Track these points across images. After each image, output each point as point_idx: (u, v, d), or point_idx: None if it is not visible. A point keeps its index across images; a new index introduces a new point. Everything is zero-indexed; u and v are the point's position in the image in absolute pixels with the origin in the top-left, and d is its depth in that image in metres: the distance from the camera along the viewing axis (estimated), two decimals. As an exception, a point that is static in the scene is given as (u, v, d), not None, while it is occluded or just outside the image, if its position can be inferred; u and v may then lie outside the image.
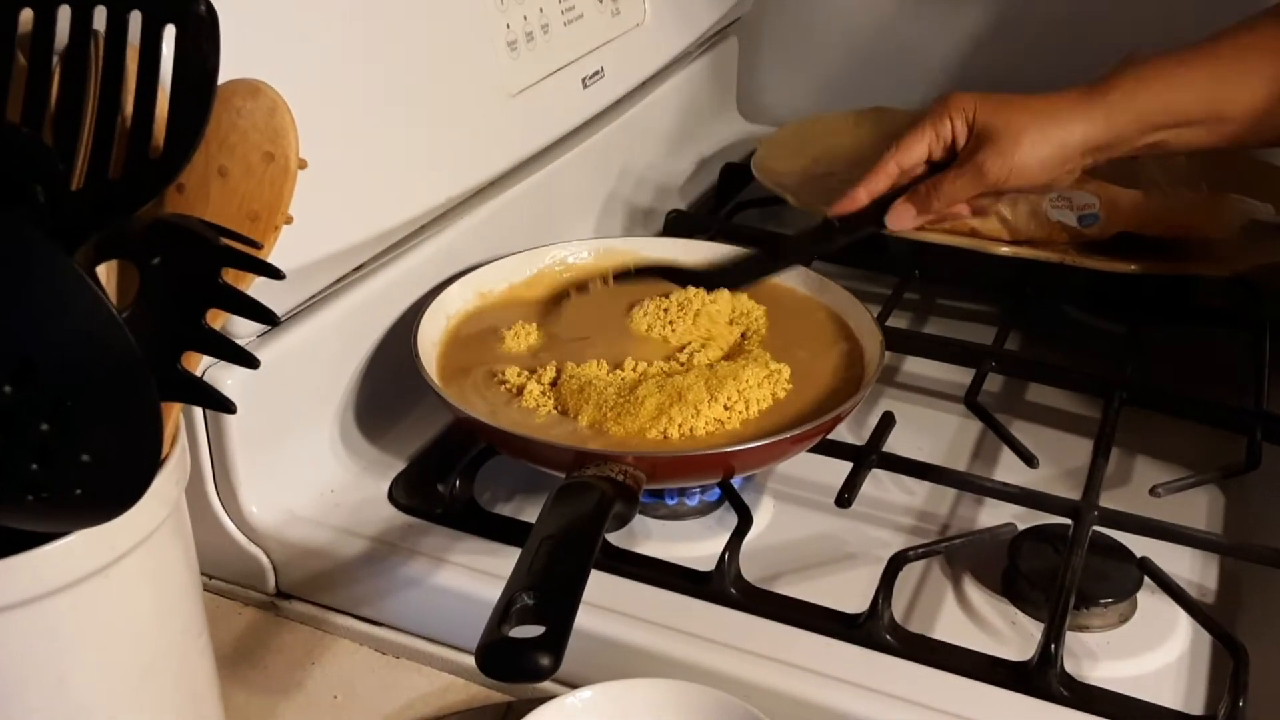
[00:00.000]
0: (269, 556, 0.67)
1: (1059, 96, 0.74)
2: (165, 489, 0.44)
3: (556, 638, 0.47)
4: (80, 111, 0.44)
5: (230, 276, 0.41)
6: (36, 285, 0.34)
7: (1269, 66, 0.72)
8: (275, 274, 0.41)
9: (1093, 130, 0.73)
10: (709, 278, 0.78)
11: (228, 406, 0.40)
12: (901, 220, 0.77)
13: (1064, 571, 0.61)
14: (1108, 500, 0.67)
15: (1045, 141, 0.72)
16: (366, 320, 0.73)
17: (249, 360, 0.41)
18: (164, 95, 0.42)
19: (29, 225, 0.34)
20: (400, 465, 0.72)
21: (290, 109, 0.45)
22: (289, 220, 0.46)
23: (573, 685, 0.56)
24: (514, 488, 0.72)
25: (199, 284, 0.39)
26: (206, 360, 0.56)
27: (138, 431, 0.36)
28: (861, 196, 0.77)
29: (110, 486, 0.37)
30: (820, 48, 1.22)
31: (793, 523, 0.70)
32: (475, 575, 0.64)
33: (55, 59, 0.45)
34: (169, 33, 0.42)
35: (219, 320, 0.42)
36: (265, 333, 0.64)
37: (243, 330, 0.62)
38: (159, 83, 0.43)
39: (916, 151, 0.76)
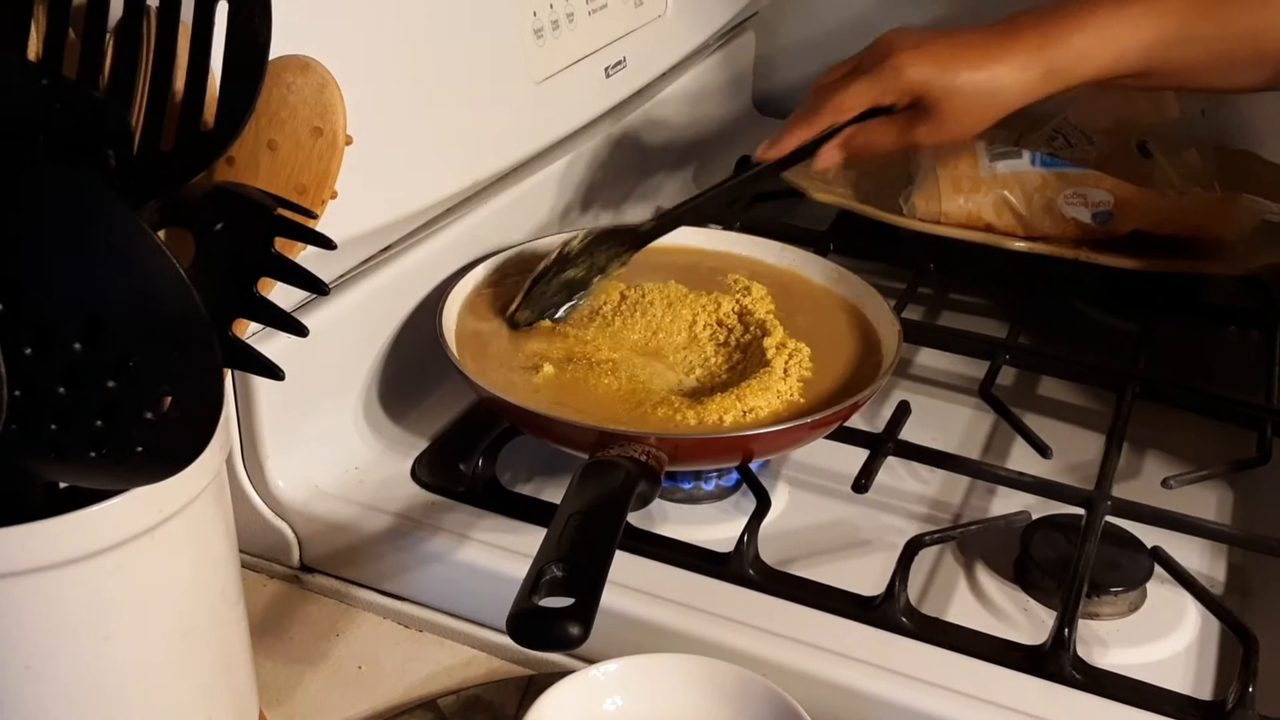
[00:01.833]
0: (294, 530, 0.68)
1: (1006, 50, 0.73)
2: (209, 455, 0.45)
3: (586, 608, 0.48)
4: (133, 85, 0.45)
5: (279, 247, 0.42)
6: (107, 245, 0.35)
7: (1203, 23, 0.72)
8: (328, 244, 0.42)
9: (1032, 89, 0.74)
10: (634, 234, 0.78)
11: (276, 373, 0.41)
12: (829, 160, 0.78)
13: (1077, 559, 0.62)
14: (1119, 492, 0.68)
15: (987, 109, 0.74)
16: (391, 301, 0.74)
17: (298, 328, 0.42)
18: (215, 69, 0.44)
19: (101, 186, 0.35)
20: (423, 444, 0.73)
21: (339, 86, 0.46)
22: (334, 195, 0.47)
23: (591, 661, 0.57)
24: (534, 468, 0.73)
25: (254, 252, 0.40)
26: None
27: (200, 390, 0.37)
28: (789, 144, 0.78)
29: (170, 444, 0.38)
30: (835, 43, 1.21)
31: (807, 508, 0.71)
32: (497, 552, 0.65)
33: (108, 35, 0.46)
34: (221, 8, 0.43)
35: (268, 290, 0.43)
36: (296, 309, 0.65)
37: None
38: (211, 56, 0.44)
39: (854, 113, 0.77)
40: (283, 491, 0.67)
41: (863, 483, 0.68)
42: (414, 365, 0.75)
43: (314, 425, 0.69)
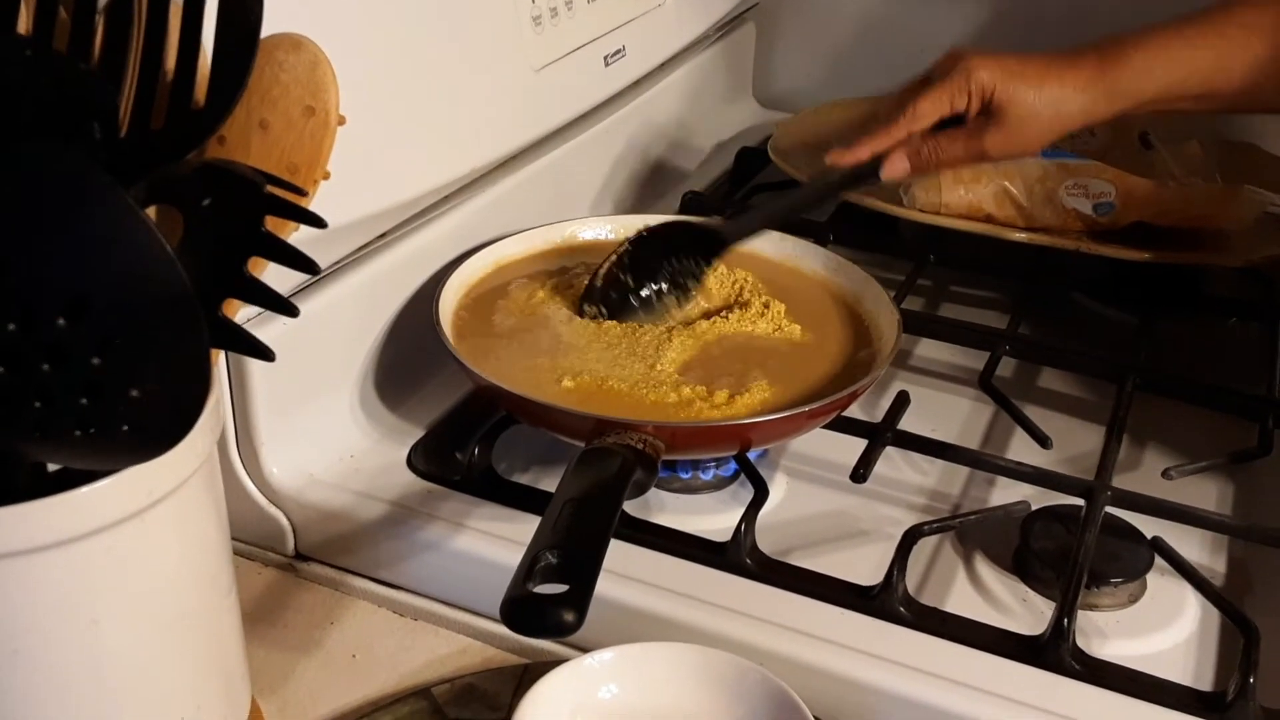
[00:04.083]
0: (289, 518, 0.68)
1: (1070, 70, 0.75)
2: (199, 438, 0.45)
3: (580, 595, 0.48)
4: (123, 63, 0.44)
5: (270, 226, 0.42)
6: (93, 220, 0.34)
7: (1266, 48, 0.74)
8: (318, 222, 0.42)
9: (1095, 109, 0.75)
10: (715, 235, 0.78)
11: (267, 354, 0.41)
12: (897, 172, 0.78)
13: (1077, 549, 0.62)
14: (1120, 483, 0.68)
15: (1051, 124, 0.75)
16: (388, 289, 0.74)
17: (289, 309, 0.41)
18: (206, 47, 0.43)
19: (87, 161, 0.34)
20: (419, 433, 0.73)
21: (331, 64, 0.45)
22: (327, 175, 0.46)
23: (586, 650, 0.57)
24: (531, 457, 0.72)
25: (243, 231, 0.40)
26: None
27: (186, 369, 0.36)
28: (864, 152, 0.78)
29: (157, 423, 0.37)
30: (836, 34, 1.23)
31: (805, 499, 0.71)
32: (493, 540, 0.64)
33: (99, 13, 0.45)
34: (213, -14, 0.43)
35: (259, 270, 0.43)
36: (291, 294, 0.65)
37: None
38: (202, 34, 0.43)
39: (930, 119, 0.77)
40: (277, 479, 0.67)
41: (861, 472, 0.67)
42: (410, 353, 0.75)
43: (309, 413, 0.69)
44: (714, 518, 0.68)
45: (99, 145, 0.37)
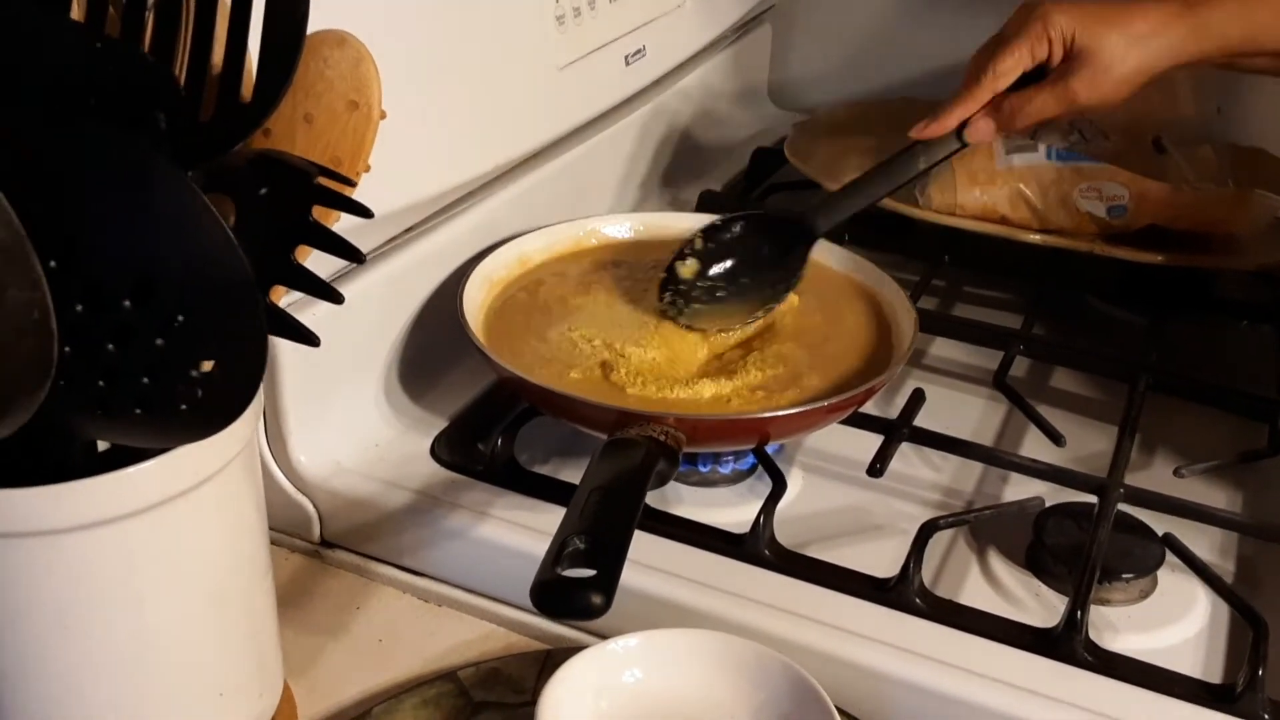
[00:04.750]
0: (315, 505, 0.69)
1: (1154, 7, 0.73)
2: (241, 424, 0.45)
3: (608, 579, 0.49)
4: (172, 57, 0.45)
5: (316, 215, 0.43)
6: (160, 205, 0.36)
7: None
8: (365, 212, 0.43)
9: (1182, 48, 0.72)
10: (803, 227, 0.77)
11: (312, 340, 0.42)
12: (983, 135, 0.75)
13: (1089, 544, 0.63)
14: (1132, 481, 0.69)
15: (1138, 69, 0.72)
16: (412, 283, 0.75)
17: (334, 296, 0.42)
18: (254, 43, 0.44)
19: (153, 148, 0.35)
20: (442, 424, 0.74)
21: (374, 60, 0.47)
22: (368, 168, 0.48)
23: (606, 637, 0.58)
24: (552, 449, 0.73)
25: (294, 220, 0.41)
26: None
27: (244, 350, 0.38)
28: (952, 120, 0.75)
29: (214, 402, 0.38)
30: (851, 36, 1.23)
31: (821, 493, 0.72)
32: (516, 529, 0.65)
33: (148, 9, 0.46)
34: (261, -17, 0.44)
35: (304, 258, 0.44)
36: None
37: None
38: (249, 30, 0.44)
39: (1013, 75, 0.74)
40: (305, 467, 0.68)
41: (878, 467, 0.68)
42: (434, 345, 0.76)
43: (335, 402, 0.70)
44: (732, 510, 0.69)
45: (164, 134, 0.38)
